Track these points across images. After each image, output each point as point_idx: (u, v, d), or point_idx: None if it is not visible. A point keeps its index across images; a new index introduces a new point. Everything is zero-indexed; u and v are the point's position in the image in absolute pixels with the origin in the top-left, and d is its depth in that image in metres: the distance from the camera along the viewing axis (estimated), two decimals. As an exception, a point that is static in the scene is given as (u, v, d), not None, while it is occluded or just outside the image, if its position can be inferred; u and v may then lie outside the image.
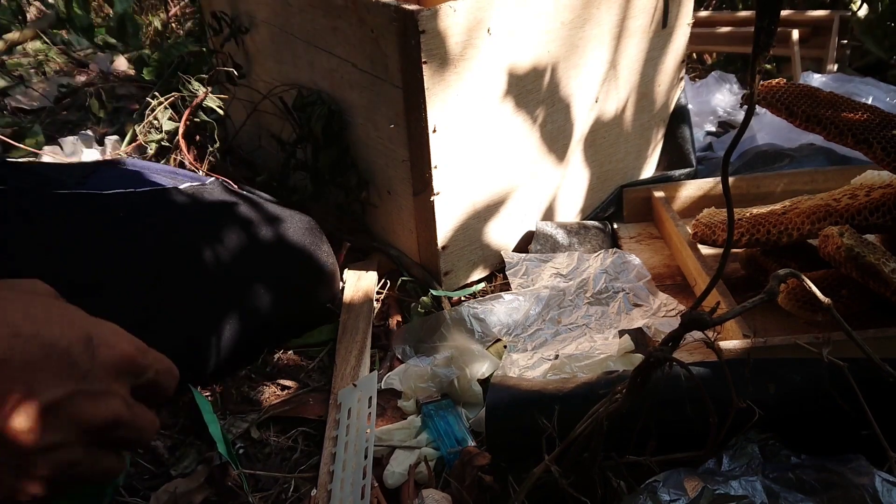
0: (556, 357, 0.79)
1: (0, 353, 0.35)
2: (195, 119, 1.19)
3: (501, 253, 0.99)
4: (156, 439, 0.46)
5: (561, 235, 1.01)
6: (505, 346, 0.84)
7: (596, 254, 0.96)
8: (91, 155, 1.44)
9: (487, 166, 0.90)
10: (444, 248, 0.92)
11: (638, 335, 0.80)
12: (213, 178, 0.89)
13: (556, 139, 0.98)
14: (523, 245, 1.03)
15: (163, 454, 0.72)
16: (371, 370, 0.83)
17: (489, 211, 0.95)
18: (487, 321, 0.86)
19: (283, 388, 0.82)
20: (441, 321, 0.87)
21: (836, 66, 1.65)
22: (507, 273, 0.96)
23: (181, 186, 0.82)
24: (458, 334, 0.85)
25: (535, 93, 0.91)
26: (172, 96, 1.21)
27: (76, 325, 0.39)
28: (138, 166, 0.86)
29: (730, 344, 0.72)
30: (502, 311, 0.87)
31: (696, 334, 0.81)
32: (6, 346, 0.35)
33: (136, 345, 0.42)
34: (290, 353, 0.87)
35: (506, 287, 0.97)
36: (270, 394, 0.81)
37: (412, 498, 0.65)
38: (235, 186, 0.94)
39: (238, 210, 0.84)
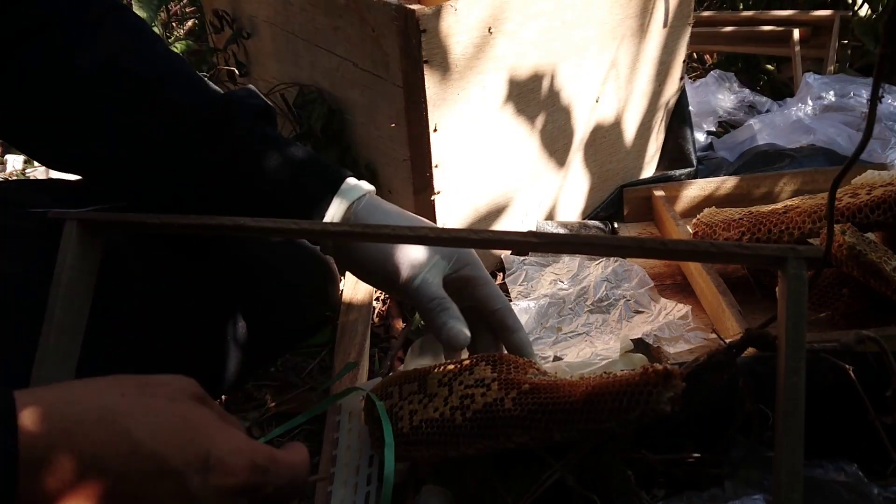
0: (556, 358, 0.79)
1: (118, 469, 0.37)
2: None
3: (502, 256, 0.99)
4: None
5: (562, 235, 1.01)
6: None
7: (597, 261, 0.96)
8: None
9: (488, 165, 0.90)
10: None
11: (641, 345, 0.80)
12: None
13: (556, 139, 0.98)
14: (524, 244, 1.03)
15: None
16: (370, 371, 0.83)
17: (490, 210, 0.95)
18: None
19: (286, 387, 0.82)
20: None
21: (836, 67, 1.66)
22: (505, 280, 0.96)
23: None
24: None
25: (536, 92, 0.91)
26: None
27: (196, 443, 0.40)
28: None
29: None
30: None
31: (697, 333, 0.81)
32: (124, 464, 0.37)
33: (255, 464, 0.42)
34: (291, 353, 0.87)
35: (505, 289, 0.97)
36: (273, 392, 0.81)
37: (412, 494, 0.65)
38: None
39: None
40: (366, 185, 0.65)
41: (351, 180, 0.65)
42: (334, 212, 0.62)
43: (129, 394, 0.40)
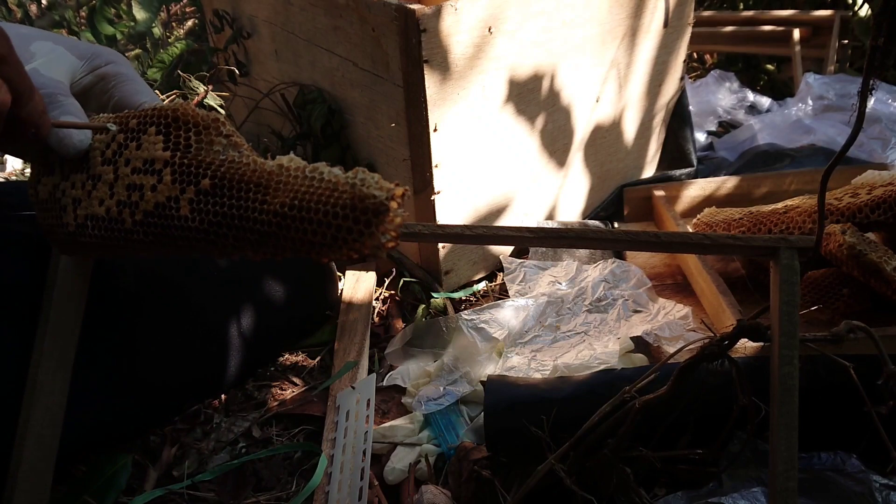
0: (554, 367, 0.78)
1: None
2: (196, 118, 1.18)
3: (500, 257, 0.99)
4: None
5: (561, 235, 1.01)
6: (501, 352, 0.84)
7: (595, 264, 0.95)
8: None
9: (488, 165, 0.90)
10: (444, 247, 0.92)
11: (641, 344, 0.80)
12: None
13: (556, 138, 0.98)
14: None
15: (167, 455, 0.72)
16: (370, 371, 0.83)
17: (490, 210, 0.95)
18: (487, 330, 0.85)
19: (286, 387, 0.82)
20: (441, 326, 0.86)
21: (836, 67, 1.65)
22: (504, 279, 0.96)
23: None
24: (459, 338, 0.84)
25: (536, 92, 0.91)
26: (173, 94, 1.21)
27: None
28: None
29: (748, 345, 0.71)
30: (500, 320, 0.85)
31: (698, 332, 0.81)
32: None
33: None
34: (291, 353, 0.87)
35: (505, 288, 0.97)
36: (273, 393, 0.81)
37: (412, 494, 0.65)
38: None
39: None
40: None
41: None
42: None
43: None
